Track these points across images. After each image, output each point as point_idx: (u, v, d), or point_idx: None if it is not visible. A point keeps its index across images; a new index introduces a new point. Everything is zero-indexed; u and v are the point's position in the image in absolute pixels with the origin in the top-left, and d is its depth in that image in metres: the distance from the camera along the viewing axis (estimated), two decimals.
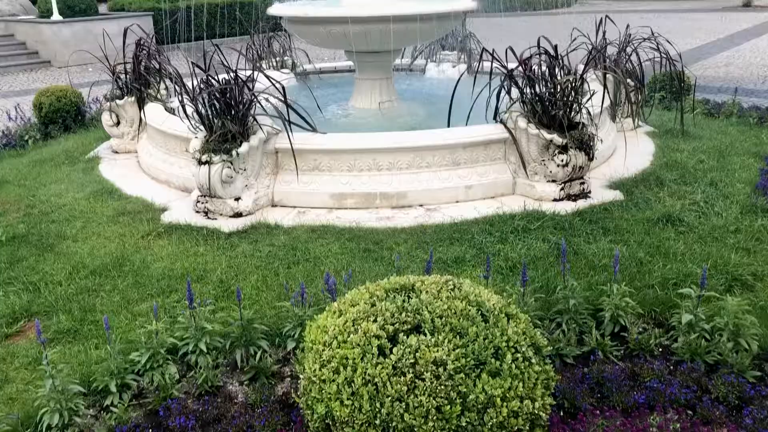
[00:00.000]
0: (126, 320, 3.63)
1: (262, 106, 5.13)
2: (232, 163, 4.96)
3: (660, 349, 3.19)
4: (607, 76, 6.02)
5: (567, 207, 4.96)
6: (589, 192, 5.21)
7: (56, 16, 15.57)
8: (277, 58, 8.97)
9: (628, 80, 6.56)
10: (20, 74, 14.48)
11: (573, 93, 5.13)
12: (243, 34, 17.16)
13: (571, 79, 5.14)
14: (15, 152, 7.43)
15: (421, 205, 5.11)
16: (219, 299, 3.82)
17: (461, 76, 5.68)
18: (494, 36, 12.93)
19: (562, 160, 5.03)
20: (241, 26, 17.49)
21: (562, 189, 5.13)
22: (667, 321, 3.41)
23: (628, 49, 6.73)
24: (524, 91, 5.20)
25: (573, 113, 5.14)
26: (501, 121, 5.33)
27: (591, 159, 5.14)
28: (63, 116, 8.21)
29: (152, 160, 6.06)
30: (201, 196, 5.10)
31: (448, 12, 6.10)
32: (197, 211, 5.12)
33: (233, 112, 5.05)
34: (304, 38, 7.03)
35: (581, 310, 3.37)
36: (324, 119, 6.53)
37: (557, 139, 5.01)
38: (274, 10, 6.61)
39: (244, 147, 4.96)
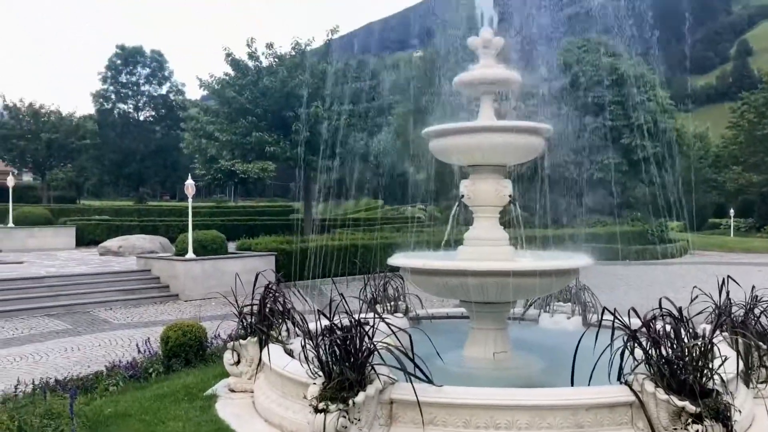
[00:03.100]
0: None
1: (380, 355, 5.21)
2: (347, 413, 4.92)
3: None
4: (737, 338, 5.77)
5: None
6: None
7: (190, 254, 17.08)
8: (392, 302, 9.24)
9: (761, 343, 6.24)
10: (150, 306, 15.61)
11: (703, 357, 4.91)
12: (357, 274, 17.96)
13: (699, 342, 4.96)
14: (138, 384, 7.75)
15: None
16: None
17: (583, 334, 5.60)
18: (606, 284, 12.98)
19: (698, 431, 4.67)
20: (357, 267, 18.37)
21: None
22: None
23: (756, 310, 6.49)
24: (650, 353, 5.03)
25: (704, 379, 4.86)
26: (626, 383, 5.10)
27: (730, 431, 4.74)
28: (186, 350, 8.61)
29: (267, 402, 6.13)
30: None
31: (567, 269, 6.22)
32: None
33: (352, 360, 5.14)
34: (420, 287, 7.28)
35: None
36: (437, 368, 6.47)
37: (689, 407, 4.70)
38: (394, 260, 6.97)
39: (360, 396, 4.96)
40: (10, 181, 29.43)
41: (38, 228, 27.62)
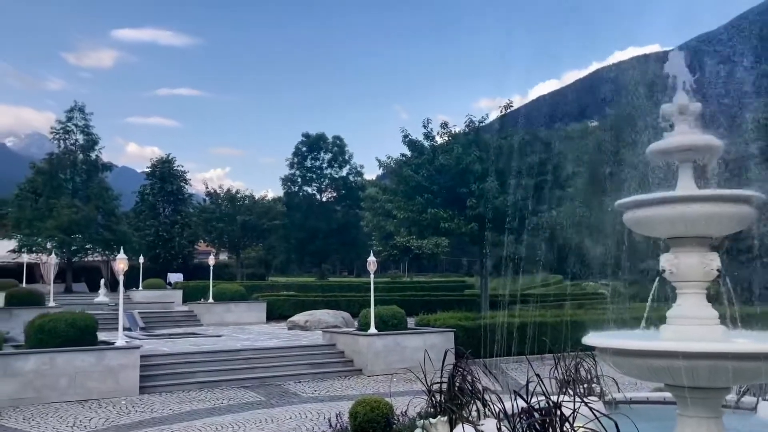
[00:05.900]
0: None
1: None
2: None
3: None
4: None
5: None
6: None
7: (372, 329, 17.43)
8: (585, 385, 8.72)
9: None
10: (336, 380, 16.03)
11: None
12: (542, 352, 17.21)
13: None
14: None
15: None
16: None
17: None
18: None
19: None
20: (546, 346, 17.61)
21: None
22: None
23: None
24: None
25: None
26: None
27: None
28: (374, 426, 8.67)
29: None
30: None
31: None
32: None
33: None
34: (619, 368, 6.79)
35: None
36: None
37: None
38: (590, 339, 6.60)
39: None
40: (211, 260, 32.28)
41: (234, 303, 29.76)
